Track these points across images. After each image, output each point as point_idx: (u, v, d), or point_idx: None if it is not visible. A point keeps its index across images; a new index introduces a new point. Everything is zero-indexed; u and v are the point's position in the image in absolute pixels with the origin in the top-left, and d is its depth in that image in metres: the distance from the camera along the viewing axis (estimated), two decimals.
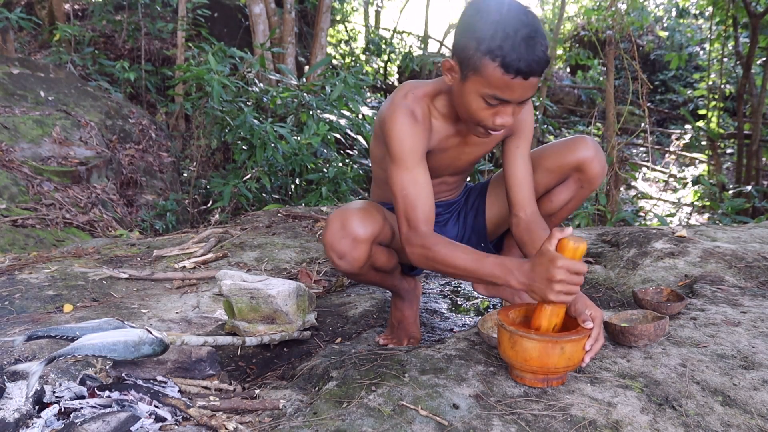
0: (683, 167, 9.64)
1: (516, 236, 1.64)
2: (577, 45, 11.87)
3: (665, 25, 12.76)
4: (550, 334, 1.30)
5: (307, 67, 8.34)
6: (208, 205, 5.56)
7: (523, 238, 1.60)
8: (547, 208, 1.77)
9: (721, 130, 8.29)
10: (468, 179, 1.96)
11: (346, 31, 13.21)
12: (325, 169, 5.18)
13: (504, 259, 1.33)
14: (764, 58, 7.61)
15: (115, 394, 1.33)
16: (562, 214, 1.82)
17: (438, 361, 1.48)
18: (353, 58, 12.16)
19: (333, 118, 5.36)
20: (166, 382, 1.44)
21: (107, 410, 1.25)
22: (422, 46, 12.99)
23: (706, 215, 7.32)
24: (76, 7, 9.29)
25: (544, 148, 1.76)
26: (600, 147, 1.73)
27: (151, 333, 1.39)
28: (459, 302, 2.29)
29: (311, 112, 5.36)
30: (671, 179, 8.68)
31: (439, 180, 1.72)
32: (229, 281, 1.84)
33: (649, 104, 8.08)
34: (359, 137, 6.20)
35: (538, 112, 8.08)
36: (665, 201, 7.94)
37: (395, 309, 1.86)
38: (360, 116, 5.78)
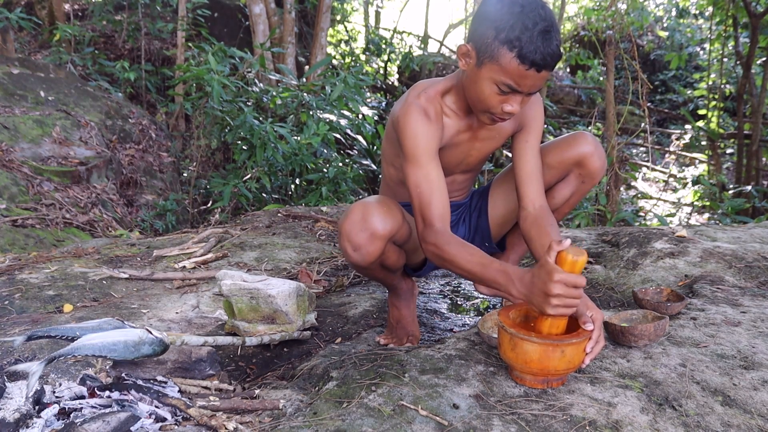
0: (683, 167, 9.63)
1: (523, 231, 1.65)
2: (577, 45, 11.86)
3: (665, 25, 12.76)
4: (551, 337, 1.30)
5: (307, 67, 8.34)
6: (208, 205, 5.55)
7: (530, 233, 1.61)
8: (549, 204, 1.78)
9: (721, 130, 8.29)
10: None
11: (346, 31, 13.21)
12: (325, 169, 5.18)
13: (508, 267, 1.35)
14: (764, 58, 7.61)
15: (115, 394, 1.33)
16: (564, 210, 1.83)
17: (438, 361, 1.48)
18: (353, 58, 12.16)
19: (333, 118, 5.36)
20: (166, 382, 1.44)
21: (107, 410, 1.25)
22: (422, 46, 12.98)
23: (706, 215, 7.32)
24: (76, 7, 9.29)
25: (545, 145, 1.77)
26: (599, 142, 1.75)
27: (151, 333, 1.39)
28: (459, 302, 2.29)
29: (311, 112, 5.36)
30: (671, 179, 8.68)
31: (450, 179, 1.74)
32: (229, 281, 1.84)
33: (649, 104, 8.07)
34: (359, 137, 6.20)
35: None
36: (665, 201, 7.93)
37: (393, 308, 1.87)
38: (360, 116, 5.78)
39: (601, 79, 10.73)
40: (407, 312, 1.87)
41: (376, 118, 6.44)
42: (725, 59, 8.48)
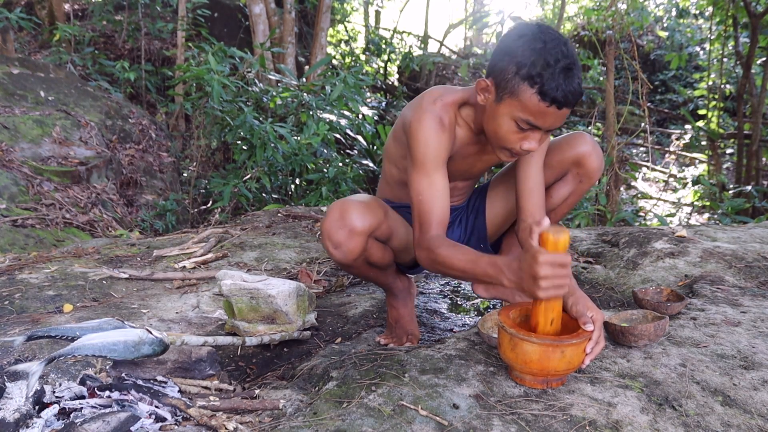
0: (683, 167, 9.63)
1: (521, 240, 1.67)
2: (577, 45, 11.85)
3: (665, 25, 12.74)
4: (551, 338, 1.30)
5: (307, 67, 8.33)
6: (208, 205, 5.56)
7: (527, 243, 1.61)
8: (547, 204, 1.79)
9: (721, 130, 8.28)
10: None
11: (346, 31, 13.21)
12: (325, 169, 5.18)
13: (497, 258, 1.35)
14: (764, 58, 7.60)
15: (115, 394, 1.33)
16: (562, 210, 1.84)
17: (438, 361, 1.48)
18: (353, 58, 12.16)
19: (333, 118, 5.36)
20: (166, 382, 1.44)
21: (107, 410, 1.25)
22: (422, 46, 12.99)
23: (706, 215, 7.32)
24: (76, 7, 9.29)
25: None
26: (597, 142, 1.77)
27: (151, 333, 1.39)
28: (459, 302, 2.29)
29: (311, 112, 5.36)
30: (671, 179, 8.67)
31: (451, 185, 1.74)
32: (229, 281, 1.84)
33: (649, 104, 8.07)
34: (359, 137, 6.20)
35: None
36: (665, 201, 7.93)
37: (391, 308, 1.88)
38: (360, 116, 5.78)
39: (601, 79, 10.72)
40: (405, 311, 1.87)
41: (376, 118, 6.44)
42: (725, 59, 8.48)
